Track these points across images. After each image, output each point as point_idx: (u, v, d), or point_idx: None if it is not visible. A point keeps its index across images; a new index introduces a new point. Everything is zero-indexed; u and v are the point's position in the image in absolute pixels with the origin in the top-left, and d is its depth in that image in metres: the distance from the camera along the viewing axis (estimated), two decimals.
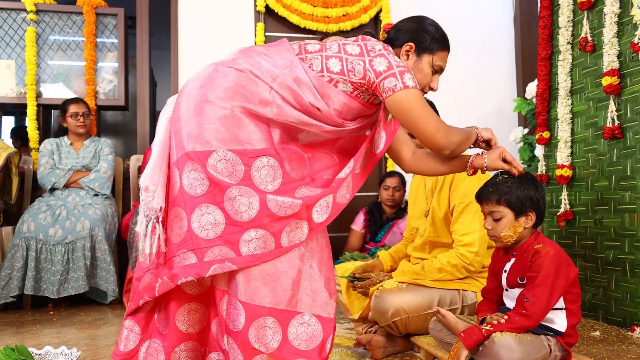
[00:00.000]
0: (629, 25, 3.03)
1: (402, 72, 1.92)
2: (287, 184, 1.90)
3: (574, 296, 2.14)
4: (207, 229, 1.80)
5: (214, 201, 1.81)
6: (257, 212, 1.81)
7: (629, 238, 2.99)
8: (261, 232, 1.82)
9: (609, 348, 2.60)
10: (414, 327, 2.55)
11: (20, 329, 3.31)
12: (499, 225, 2.16)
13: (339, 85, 1.95)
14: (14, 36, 4.74)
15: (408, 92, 1.91)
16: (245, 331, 1.81)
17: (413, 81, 1.93)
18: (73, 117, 4.29)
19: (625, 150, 3.04)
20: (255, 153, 1.84)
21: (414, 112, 1.93)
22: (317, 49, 1.99)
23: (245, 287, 1.82)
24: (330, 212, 1.96)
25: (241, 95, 1.85)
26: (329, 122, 1.96)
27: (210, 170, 1.80)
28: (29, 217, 3.97)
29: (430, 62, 2.14)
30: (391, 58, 1.94)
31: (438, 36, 2.17)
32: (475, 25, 5.57)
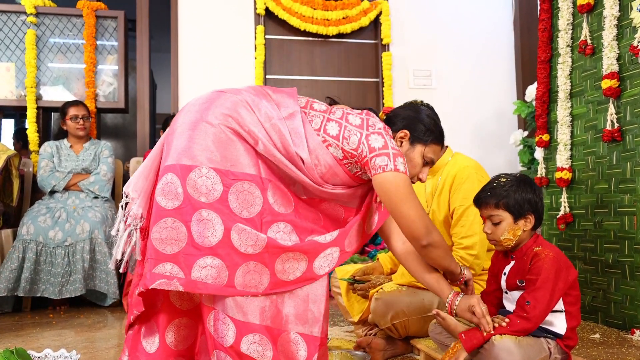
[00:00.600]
0: (629, 28, 3.04)
1: (396, 155, 1.92)
2: (265, 214, 1.87)
3: (573, 298, 2.14)
4: (165, 243, 1.78)
5: (181, 218, 1.78)
6: (219, 241, 1.78)
7: (628, 241, 3.00)
8: (217, 262, 1.79)
9: (608, 351, 2.60)
10: (413, 329, 2.55)
11: (20, 332, 3.31)
12: (498, 229, 2.16)
13: (330, 149, 1.94)
14: (13, 39, 4.74)
15: (397, 176, 1.90)
16: (238, 344, 1.80)
17: (404, 167, 1.92)
18: (73, 120, 4.30)
19: (625, 153, 3.04)
20: (238, 176, 1.83)
21: (399, 196, 1.91)
22: (323, 109, 2.01)
23: (232, 302, 1.81)
24: (301, 276, 1.91)
25: (235, 119, 1.85)
26: (309, 177, 1.94)
27: (188, 186, 1.78)
28: (29, 219, 3.97)
29: (422, 153, 2.13)
30: (388, 139, 1.94)
31: (433, 128, 2.16)
32: (475, 28, 5.59)
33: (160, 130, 4.75)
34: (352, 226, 2.03)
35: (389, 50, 5.36)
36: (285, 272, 1.87)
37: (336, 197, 2.05)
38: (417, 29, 5.46)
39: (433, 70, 5.45)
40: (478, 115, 5.45)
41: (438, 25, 5.53)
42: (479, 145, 5.29)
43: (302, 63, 5.36)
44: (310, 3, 5.17)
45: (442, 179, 2.75)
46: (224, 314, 1.81)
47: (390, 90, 5.29)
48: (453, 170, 2.71)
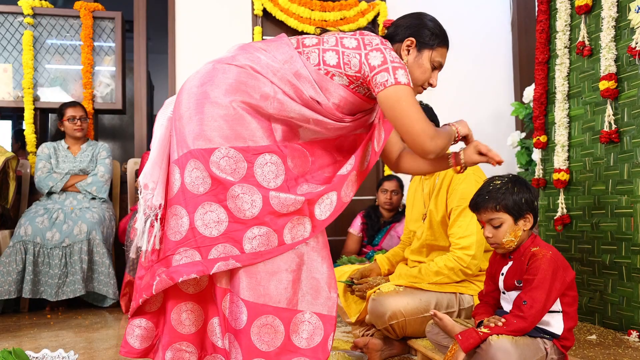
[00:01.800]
0: (627, 29, 3.05)
1: (396, 67, 1.92)
2: (289, 180, 1.92)
3: (570, 299, 2.15)
4: (210, 227, 1.82)
5: (216, 199, 1.82)
6: (260, 210, 1.83)
7: (625, 242, 3.01)
8: (264, 230, 1.84)
9: (605, 352, 2.61)
10: (411, 330, 2.56)
11: (18, 333, 3.32)
12: (500, 232, 2.17)
13: (335, 79, 1.96)
14: (11, 40, 4.75)
15: (398, 89, 1.90)
16: (248, 329, 1.82)
17: (406, 78, 1.92)
18: (70, 121, 4.31)
19: (622, 155, 3.06)
20: (258, 150, 1.86)
21: (401, 109, 1.92)
22: (315, 42, 2.01)
23: (248, 285, 1.83)
24: (334, 210, 1.98)
25: (242, 92, 1.87)
26: (330, 117, 1.98)
27: (213, 168, 1.81)
28: (26, 220, 3.98)
29: (430, 58, 2.12)
30: (387, 53, 1.94)
31: (438, 32, 2.15)
32: (473, 29, 5.60)
33: None
34: (363, 149, 2.08)
35: None
36: (322, 212, 1.95)
37: (355, 128, 2.10)
38: None
39: None
40: (475, 116, 5.45)
41: None
42: None
43: None
44: (308, 4, 5.18)
45: (440, 179, 2.77)
46: (237, 297, 1.84)
47: None
48: (451, 171, 2.73)
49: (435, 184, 2.79)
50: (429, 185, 2.86)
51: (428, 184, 2.87)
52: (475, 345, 2.05)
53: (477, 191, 2.24)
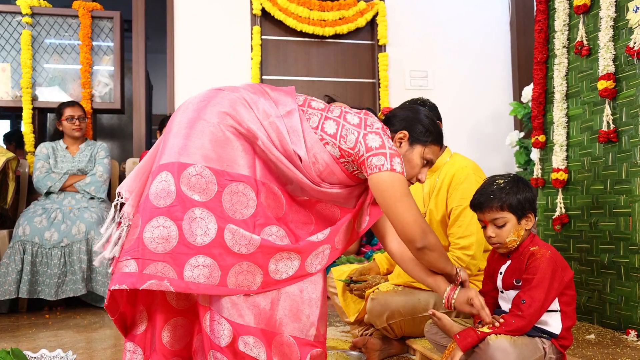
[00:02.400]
0: (625, 29, 3.05)
1: (393, 155, 1.93)
2: (258, 216, 1.87)
3: (569, 298, 2.15)
4: (157, 242, 1.75)
5: (173, 217, 1.77)
6: (212, 240, 1.78)
7: (623, 241, 3.01)
8: (209, 261, 1.78)
9: (603, 351, 2.62)
10: (409, 329, 2.57)
11: (16, 333, 3.32)
12: (503, 231, 2.16)
13: (327, 147, 1.96)
14: (9, 39, 4.75)
15: (394, 175, 1.91)
16: (235, 344, 1.81)
17: (401, 167, 1.93)
18: (69, 121, 4.30)
19: (621, 154, 3.06)
20: (233, 177, 1.84)
21: (395, 196, 1.92)
22: (321, 107, 2.03)
23: (227, 304, 1.81)
24: (294, 274, 1.92)
25: (233, 117, 1.86)
26: (307, 176, 1.95)
27: (182, 184, 1.78)
28: (25, 220, 3.98)
29: (421, 154, 2.13)
30: (386, 139, 1.95)
31: (432, 129, 2.15)
32: (471, 29, 5.61)
33: (156, 131, 4.76)
34: (343, 224, 2.03)
35: (386, 51, 5.38)
36: (278, 272, 1.88)
37: (333, 198, 2.05)
38: (414, 30, 5.48)
39: (429, 71, 5.47)
40: (474, 116, 5.47)
41: (435, 26, 5.55)
42: (475, 147, 5.31)
43: (299, 64, 5.37)
44: (307, 4, 5.18)
45: (440, 179, 2.77)
46: (219, 315, 1.82)
47: (387, 91, 5.30)
48: (451, 170, 2.73)
49: (436, 184, 2.79)
50: (429, 184, 2.86)
51: (428, 183, 2.87)
52: (473, 345, 2.05)
53: (479, 190, 2.23)
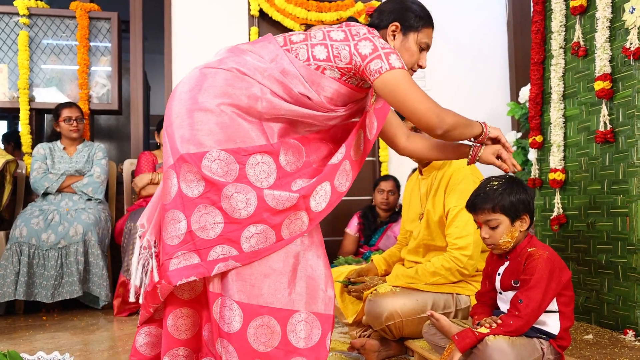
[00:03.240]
0: (621, 30, 3.06)
1: (388, 53, 1.93)
2: (282, 178, 1.92)
3: (567, 299, 2.16)
4: (207, 230, 1.82)
5: (211, 201, 1.82)
6: (256, 208, 1.83)
7: (621, 241, 3.02)
8: (261, 227, 1.84)
9: (601, 351, 2.62)
10: (407, 331, 2.56)
11: (13, 335, 3.31)
12: (497, 233, 2.17)
13: (326, 72, 1.97)
14: (6, 40, 4.74)
15: (395, 73, 1.92)
16: (244, 331, 1.82)
17: (400, 62, 1.94)
18: (66, 122, 4.29)
19: (618, 154, 3.06)
20: (249, 151, 1.86)
21: (402, 92, 1.94)
22: (302, 38, 2.01)
23: (240, 286, 1.84)
24: (330, 200, 1.99)
25: (230, 94, 1.88)
26: (321, 109, 1.98)
27: (205, 171, 1.81)
28: (22, 222, 3.97)
29: (417, 40, 2.16)
30: (376, 40, 1.95)
31: (422, 14, 2.18)
32: (469, 30, 5.61)
33: (154, 132, 4.76)
34: (354, 136, 2.06)
35: None
36: (317, 204, 1.96)
37: (347, 117, 2.10)
38: None
39: (427, 72, 5.46)
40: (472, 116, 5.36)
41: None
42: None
43: None
44: (304, 5, 5.18)
45: (438, 179, 2.77)
46: (230, 299, 1.84)
47: None
48: (449, 171, 2.73)
49: (433, 184, 2.79)
50: (426, 184, 2.86)
51: (425, 183, 2.87)
52: (471, 345, 2.05)
53: (474, 192, 2.24)
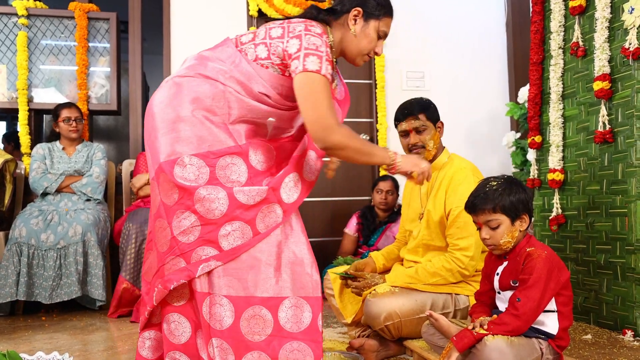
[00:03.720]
0: (620, 30, 3.06)
1: (308, 54, 1.95)
2: (253, 177, 1.99)
3: (565, 299, 2.16)
4: (187, 234, 1.91)
5: (185, 206, 1.91)
6: (228, 206, 1.90)
7: (620, 242, 3.02)
8: (237, 224, 1.92)
9: (600, 351, 2.62)
10: (406, 331, 2.56)
11: (12, 335, 3.31)
12: (497, 233, 2.17)
13: (270, 70, 2.03)
14: (5, 41, 4.73)
15: (305, 76, 1.94)
16: (237, 325, 1.89)
17: (317, 65, 1.94)
18: (65, 122, 4.29)
19: (617, 155, 3.07)
20: (217, 153, 1.93)
21: (303, 95, 1.95)
22: (250, 38, 2.08)
23: (228, 282, 1.90)
24: (301, 191, 2.06)
25: (200, 100, 1.96)
26: (281, 107, 2.08)
27: (176, 178, 1.90)
28: (21, 222, 3.96)
29: (377, 28, 2.20)
30: (305, 40, 1.97)
31: (384, 2, 2.22)
32: (467, 30, 5.61)
33: None
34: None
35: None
36: (289, 196, 2.03)
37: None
38: (410, 31, 5.48)
39: (426, 72, 5.47)
40: (471, 117, 5.46)
41: (431, 27, 5.55)
42: (471, 147, 5.31)
43: None
44: (303, 5, 5.17)
45: (439, 179, 2.77)
46: (220, 296, 1.89)
47: (383, 92, 5.30)
48: (450, 171, 2.73)
49: (434, 184, 2.79)
50: (427, 185, 2.85)
51: (426, 183, 2.86)
52: (470, 345, 2.05)
53: (473, 193, 2.24)
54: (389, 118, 5.28)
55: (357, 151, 2.05)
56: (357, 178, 5.37)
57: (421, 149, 2.78)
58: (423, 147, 2.77)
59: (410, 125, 2.76)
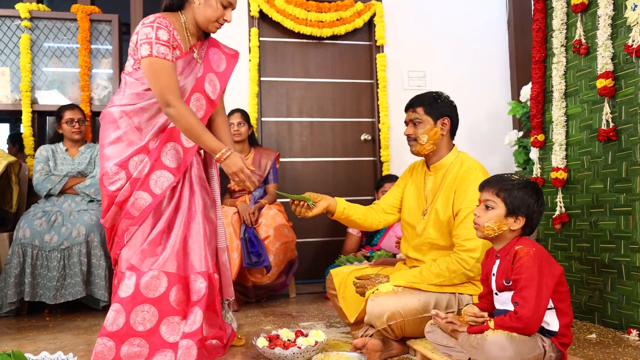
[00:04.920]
0: (623, 27, 3.03)
1: (141, 44, 2.50)
2: (155, 168, 2.60)
3: (561, 295, 2.14)
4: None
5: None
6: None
7: (624, 240, 2.99)
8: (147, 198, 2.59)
9: (605, 350, 2.59)
10: (409, 330, 2.54)
11: (17, 335, 3.30)
12: (487, 215, 2.19)
13: (140, 71, 2.59)
14: (8, 43, 4.72)
15: (143, 61, 2.50)
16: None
17: (147, 51, 2.47)
18: (68, 124, 4.28)
19: (620, 153, 3.04)
20: (126, 157, 2.61)
21: (146, 76, 2.52)
22: (129, 52, 2.66)
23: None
24: (183, 155, 2.68)
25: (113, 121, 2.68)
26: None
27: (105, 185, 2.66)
28: (25, 223, 3.95)
29: (219, 0, 2.61)
30: (140, 33, 2.51)
31: None
32: (469, 29, 5.58)
33: None
34: (187, 101, 2.68)
35: (383, 51, 5.36)
36: (170, 161, 2.63)
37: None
38: (411, 30, 5.46)
39: (427, 71, 5.44)
40: (473, 115, 5.44)
41: (432, 26, 5.52)
42: (474, 146, 5.28)
43: (297, 65, 5.35)
44: (304, 5, 5.16)
45: (448, 178, 2.75)
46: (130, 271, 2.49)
47: (385, 91, 5.28)
48: (460, 170, 2.72)
49: (443, 183, 2.77)
50: (433, 181, 2.83)
51: (432, 180, 2.84)
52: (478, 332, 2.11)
53: (493, 175, 2.32)
54: (390, 117, 5.26)
55: (185, 130, 2.51)
56: (358, 178, 5.36)
57: (413, 141, 2.82)
58: (415, 139, 2.81)
59: (408, 116, 2.86)
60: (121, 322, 2.41)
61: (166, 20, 2.54)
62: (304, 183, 5.22)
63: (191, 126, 2.47)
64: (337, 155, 5.33)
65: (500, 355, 2.00)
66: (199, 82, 2.70)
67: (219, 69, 2.79)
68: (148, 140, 2.58)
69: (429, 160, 2.89)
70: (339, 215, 2.90)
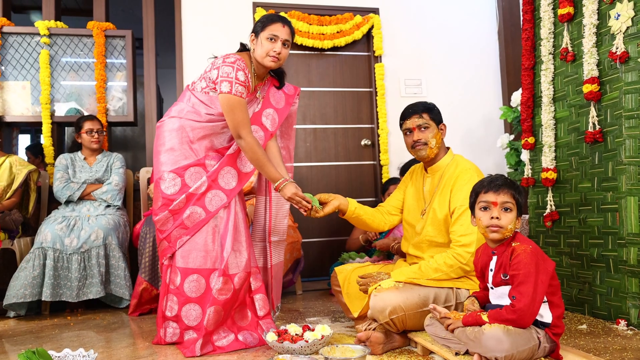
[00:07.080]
0: (607, 35, 3.04)
1: (222, 81, 2.76)
2: (210, 180, 2.84)
3: (553, 288, 2.15)
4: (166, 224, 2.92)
5: (172, 212, 2.90)
6: (203, 191, 2.86)
7: (612, 236, 3.00)
8: (199, 209, 2.84)
9: (595, 340, 2.60)
10: (410, 324, 2.55)
11: (40, 334, 3.31)
12: (507, 216, 2.18)
13: (210, 94, 2.86)
14: (28, 59, 4.75)
15: (222, 96, 2.77)
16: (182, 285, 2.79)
17: (227, 88, 2.74)
18: (88, 134, 4.30)
19: (606, 153, 3.05)
20: (183, 167, 2.86)
21: (223, 110, 2.77)
22: (198, 78, 2.93)
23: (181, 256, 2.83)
24: (238, 179, 2.92)
25: (171, 131, 2.90)
26: (220, 119, 2.87)
27: (162, 189, 2.94)
28: (46, 228, 3.97)
29: (264, 37, 2.82)
30: (223, 69, 2.77)
31: (263, 19, 2.87)
32: (462, 38, 5.59)
33: None
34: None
35: (381, 61, 5.37)
36: (226, 183, 2.90)
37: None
38: (408, 41, 5.47)
39: (423, 80, 5.45)
40: (466, 120, 5.45)
41: (427, 36, 5.54)
42: (468, 149, 5.29)
43: (300, 75, 5.36)
44: (307, 19, 5.18)
45: (444, 179, 2.76)
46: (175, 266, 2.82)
47: (384, 99, 5.29)
48: (455, 171, 2.73)
49: (440, 183, 2.78)
50: (430, 182, 2.85)
51: (430, 181, 2.86)
52: (472, 324, 2.12)
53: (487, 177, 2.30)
54: (389, 123, 5.27)
55: (252, 159, 2.78)
56: (360, 181, 5.36)
57: (423, 145, 2.80)
58: (425, 144, 2.80)
59: (414, 123, 2.83)
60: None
61: (243, 64, 2.81)
62: (309, 186, 5.23)
63: (257, 157, 2.75)
64: (340, 160, 5.34)
65: (497, 348, 2.00)
66: (255, 116, 2.99)
67: (279, 105, 3.09)
68: (204, 156, 2.85)
69: (427, 164, 2.91)
70: (350, 214, 2.93)
